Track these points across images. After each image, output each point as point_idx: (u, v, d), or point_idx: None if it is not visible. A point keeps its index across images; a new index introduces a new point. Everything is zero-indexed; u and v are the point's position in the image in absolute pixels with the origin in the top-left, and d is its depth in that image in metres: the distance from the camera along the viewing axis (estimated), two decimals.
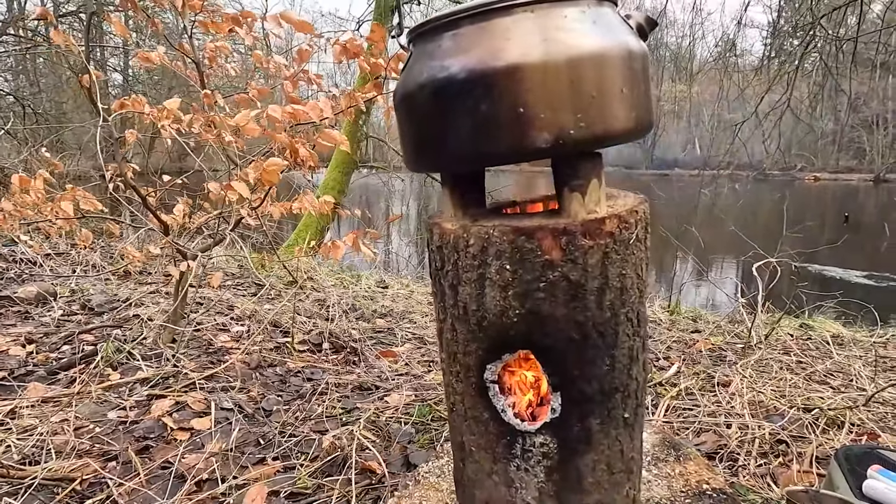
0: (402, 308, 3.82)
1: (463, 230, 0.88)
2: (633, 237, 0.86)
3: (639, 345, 0.93)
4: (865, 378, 2.15)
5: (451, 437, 1.10)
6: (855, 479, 1.12)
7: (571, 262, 0.83)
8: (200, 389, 2.03)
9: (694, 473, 1.23)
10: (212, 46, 2.36)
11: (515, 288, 0.85)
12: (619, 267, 0.86)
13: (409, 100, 0.88)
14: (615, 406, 0.92)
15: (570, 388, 0.89)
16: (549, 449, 0.91)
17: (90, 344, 2.45)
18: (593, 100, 0.78)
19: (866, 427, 1.62)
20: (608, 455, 0.95)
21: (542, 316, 0.86)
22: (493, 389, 0.93)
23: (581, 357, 0.88)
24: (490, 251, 0.85)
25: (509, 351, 0.90)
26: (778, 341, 2.75)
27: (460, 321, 0.93)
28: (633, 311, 0.90)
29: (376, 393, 2.13)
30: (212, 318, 2.98)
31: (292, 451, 1.62)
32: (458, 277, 0.90)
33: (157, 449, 1.60)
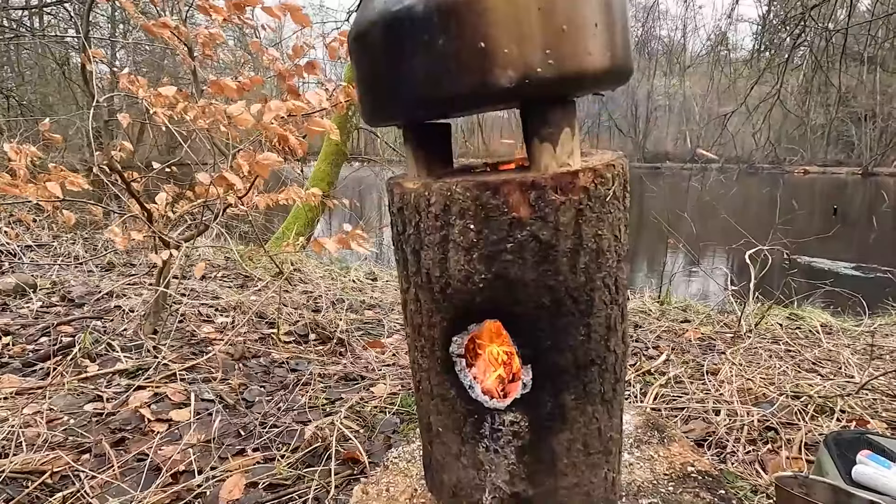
0: (391, 299, 3.78)
1: (424, 188, 0.80)
2: (609, 194, 0.78)
3: (617, 314, 0.86)
4: (854, 366, 2.14)
5: (419, 418, 1.04)
6: (844, 464, 1.10)
7: (541, 219, 0.75)
8: (181, 381, 1.98)
9: (678, 456, 1.19)
10: (205, 33, 2.30)
11: (481, 250, 0.77)
12: (595, 226, 0.78)
13: (361, 40, 0.79)
14: (591, 380, 0.86)
15: (543, 361, 0.82)
16: (519, 428, 0.85)
17: (68, 335, 2.39)
18: (563, 33, 0.69)
19: (855, 414, 1.61)
20: (584, 434, 0.88)
21: (509, 281, 0.78)
22: (459, 364, 0.86)
23: (553, 326, 0.80)
24: (453, 210, 0.77)
25: (476, 321, 0.83)
26: (767, 331, 2.74)
27: (424, 290, 0.86)
28: (610, 276, 0.82)
29: (362, 383, 2.09)
30: (196, 310, 2.92)
31: (273, 442, 1.58)
32: (420, 241, 0.83)
33: (133, 441, 1.55)
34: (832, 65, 7.12)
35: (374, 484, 1.14)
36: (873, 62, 18.88)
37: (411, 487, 1.12)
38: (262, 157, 1.73)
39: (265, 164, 1.72)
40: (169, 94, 1.75)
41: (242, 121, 1.60)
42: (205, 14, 1.98)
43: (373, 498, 1.08)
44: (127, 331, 2.42)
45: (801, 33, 7.02)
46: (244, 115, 1.56)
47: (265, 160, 1.72)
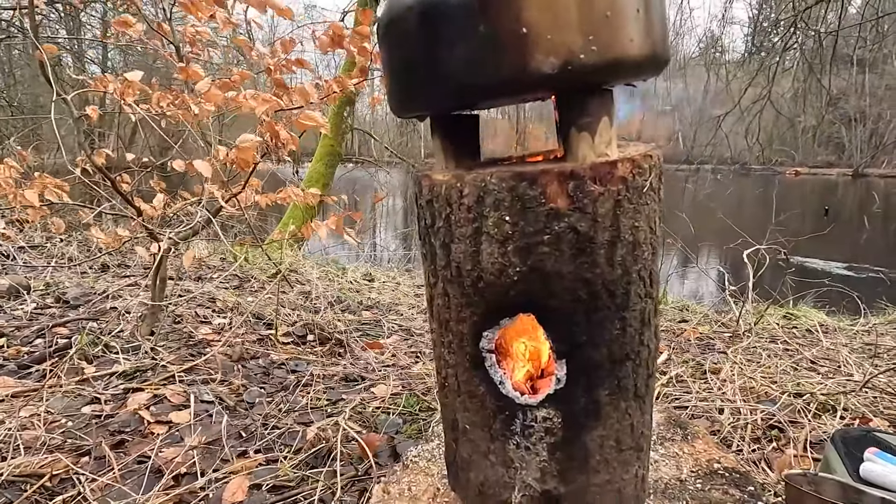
0: (388, 300, 3.77)
1: (456, 179, 0.78)
2: (647, 185, 0.77)
3: (651, 308, 0.85)
4: (853, 365, 2.15)
5: (443, 415, 1.02)
6: (852, 462, 1.10)
7: (579, 210, 0.73)
8: (180, 382, 1.96)
9: (703, 452, 1.17)
10: (192, 31, 2.28)
11: (516, 242, 0.75)
12: (632, 218, 0.76)
13: (395, 26, 0.77)
14: (626, 375, 0.83)
15: (577, 356, 0.80)
16: (552, 424, 0.82)
17: (64, 337, 2.36)
18: (607, 19, 0.68)
19: (857, 412, 1.61)
20: (617, 430, 0.86)
21: (545, 273, 0.76)
22: (489, 360, 0.84)
23: (589, 320, 0.78)
24: (487, 201, 0.75)
25: (508, 315, 0.80)
26: (765, 330, 2.75)
27: (453, 284, 0.84)
28: (645, 269, 0.80)
29: (362, 384, 2.08)
30: (192, 311, 2.89)
31: (275, 443, 1.57)
32: (450, 234, 0.81)
33: (133, 443, 1.53)
34: (823, 67, 7.18)
35: (395, 483, 1.12)
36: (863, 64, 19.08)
37: (433, 486, 1.10)
38: (240, 139, 1.69)
39: (246, 148, 1.69)
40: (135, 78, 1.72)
41: (211, 97, 1.57)
42: (187, 11, 1.96)
43: (395, 497, 1.06)
44: (123, 332, 2.40)
45: (791, 36, 7.08)
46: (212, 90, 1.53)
47: (244, 143, 1.68)
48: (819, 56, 7.09)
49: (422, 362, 2.41)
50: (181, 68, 1.95)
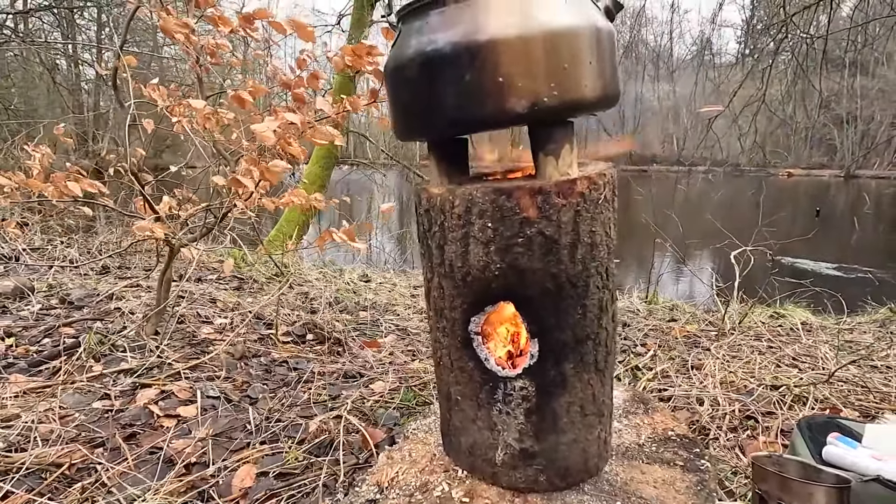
0: (385, 301, 3.85)
1: (449, 193, 0.95)
2: (601, 197, 0.94)
3: (607, 297, 1.01)
4: (830, 360, 2.25)
5: (439, 389, 1.18)
6: (815, 445, 1.19)
7: (546, 219, 0.90)
8: (185, 379, 2.04)
9: (660, 423, 1.34)
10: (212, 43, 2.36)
11: (497, 244, 0.92)
12: (589, 224, 0.93)
13: (400, 72, 0.94)
14: (587, 352, 1.01)
15: (547, 336, 0.97)
16: (528, 392, 0.99)
17: (71, 337, 2.43)
18: (565, 70, 0.85)
19: (829, 403, 1.71)
20: (581, 398, 1.03)
21: (520, 269, 0.93)
22: (476, 340, 1.01)
23: (556, 306, 0.95)
24: (474, 211, 0.92)
25: (491, 303, 0.97)
26: (750, 328, 2.85)
27: (446, 278, 1.00)
28: (602, 265, 0.98)
29: (361, 380, 2.16)
30: (195, 311, 2.97)
31: (279, 435, 1.65)
32: (444, 237, 0.97)
33: (145, 435, 1.61)
34: (814, 69, 7.32)
35: (398, 451, 1.30)
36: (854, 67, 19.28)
37: (430, 453, 1.28)
38: (273, 163, 1.80)
39: (276, 171, 1.80)
40: (198, 106, 1.81)
41: (265, 138, 1.68)
42: (213, 25, 2.04)
43: (397, 462, 1.25)
44: (129, 332, 2.47)
45: (783, 39, 7.22)
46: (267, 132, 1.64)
47: (275, 167, 1.79)
48: (809, 59, 7.23)
49: (418, 360, 2.49)
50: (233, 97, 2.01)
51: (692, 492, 1.08)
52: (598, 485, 1.11)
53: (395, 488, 1.15)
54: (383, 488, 1.15)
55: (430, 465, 1.22)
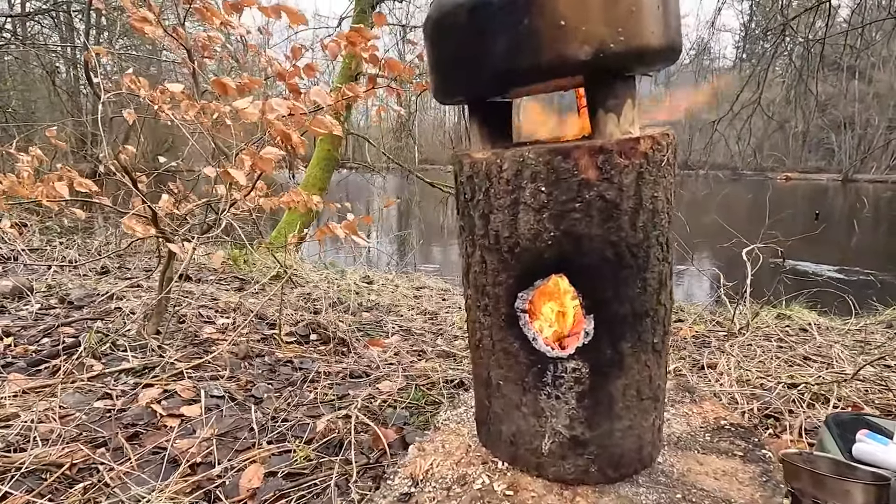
0: (388, 302, 3.81)
1: (496, 156, 0.88)
2: (664, 159, 0.86)
3: (667, 270, 0.94)
4: (845, 360, 2.21)
5: (475, 374, 1.11)
6: (844, 443, 1.15)
7: (607, 181, 0.83)
8: (188, 378, 1.99)
9: (710, 412, 1.27)
10: (204, 36, 2.32)
11: (551, 210, 0.85)
12: (652, 188, 0.86)
13: (444, 21, 0.88)
14: (645, 330, 0.93)
15: (604, 310, 0.89)
16: (581, 374, 0.92)
17: (70, 336, 2.38)
18: (632, 14, 0.78)
19: (850, 401, 1.67)
20: (638, 380, 0.96)
21: (577, 237, 0.86)
22: (523, 319, 0.94)
23: (615, 278, 0.88)
24: (525, 174, 0.85)
25: (542, 276, 0.89)
26: (759, 329, 2.82)
27: (490, 251, 0.93)
28: (662, 235, 0.90)
29: (367, 380, 2.12)
30: (196, 311, 2.92)
31: (286, 434, 1.60)
32: (489, 205, 0.91)
33: (148, 435, 1.57)
34: (812, 74, 7.34)
35: (429, 442, 1.22)
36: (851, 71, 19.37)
37: (465, 444, 1.21)
38: (265, 151, 1.75)
39: (268, 159, 1.75)
40: (176, 90, 1.77)
41: (248, 115, 1.63)
42: (201, 17, 2.00)
43: (429, 454, 1.17)
44: (130, 331, 2.42)
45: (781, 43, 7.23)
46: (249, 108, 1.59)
47: (267, 154, 1.75)
48: (808, 63, 7.25)
49: (425, 359, 2.45)
50: (215, 81, 1.98)
51: (757, 483, 1.01)
52: (652, 476, 1.03)
53: (431, 481, 1.08)
54: (418, 481, 1.08)
55: (465, 456, 1.15)
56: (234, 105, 1.60)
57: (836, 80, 21.15)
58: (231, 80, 1.79)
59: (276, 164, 2.05)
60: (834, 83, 16.87)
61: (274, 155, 1.75)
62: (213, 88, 1.84)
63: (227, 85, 1.79)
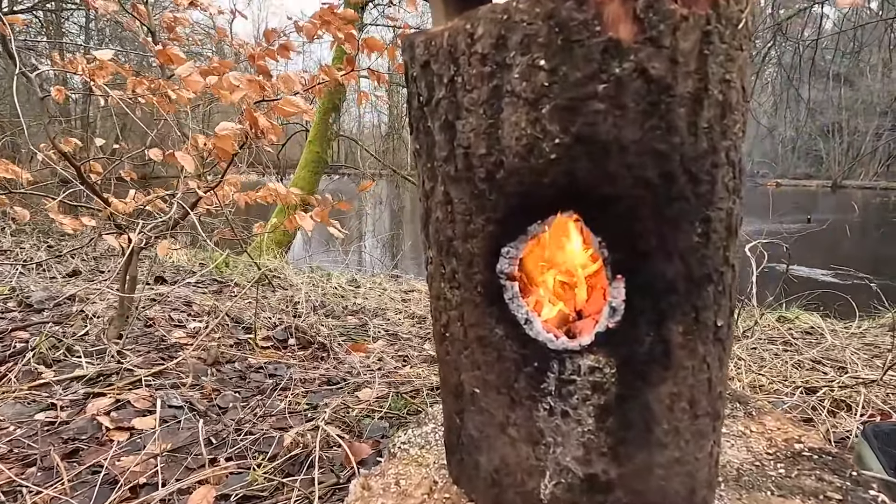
0: (374, 305, 3.64)
1: (465, 20, 0.55)
2: (742, 19, 0.53)
3: (738, 210, 0.61)
4: (859, 363, 2.07)
5: (442, 381, 0.76)
6: (888, 458, 1.00)
7: (652, 43, 0.49)
8: (147, 387, 1.81)
9: (777, 431, 0.92)
10: (170, 17, 2.16)
11: (555, 99, 0.52)
12: (723, 66, 0.52)
13: None
14: (706, 305, 0.58)
15: (642, 271, 0.55)
16: (603, 377, 0.57)
17: (23, 341, 2.18)
18: None
19: (875, 408, 1.52)
20: (692, 386, 0.60)
21: (599, 144, 0.52)
22: (510, 289, 0.60)
23: (661, 216, 0.54)
24: (512, 41, 0.52)
25: (540, 216, 0.55)
26: (762, 331, 2.68)
27: (459, 183, 0.59)
28: (735, 149, 0.56)
29: (346, 388, 1.94)
30: (167, 314, 2.73)
31: (249, 450, 1.42)
32: (456, 106, 0.57)
33: (88, 452, 1.38)
34: (801, 78, 7.31)
35: (380, 476, 0.86)
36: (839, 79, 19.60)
37: (429, 479, 0.84)
38: (220, 127, 1.56)
39: (225, 137, 1.57)
40: (105, 58, 1.59)
41: (192, 83, 1.45)
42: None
43: (377, 494, 0.80)
44: (89, 335, 2.23)
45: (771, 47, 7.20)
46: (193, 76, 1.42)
47: (223, 130, 1.56)
48: (797, 69, 7.23)
49: (410, 365, 2.28)
50: (158, 52, 1.82)
51: None
52: None
53: None
54: None
55: (428, 499, 0.78)
56: (177, 72, 1.43)
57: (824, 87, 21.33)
58: (180, 50, 1.62)
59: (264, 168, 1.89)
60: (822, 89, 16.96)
61: (230, 130, 1.57)
62: (159, 60, 1.67)
63: (173, 55, 1.62)
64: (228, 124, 1.60)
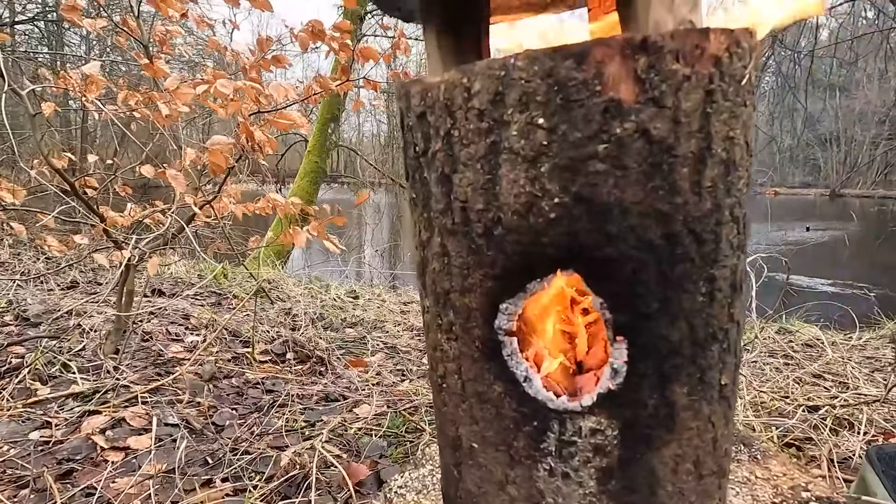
0: (373, 317, 3.62)
1: (462, 73, 0.54)
2: (746, 74, 0.52)
3: (742, 266, 0.60)
4: (860, 378, 2.05)
5: (440, 430, 0.74)
6: (892, 481, 0.98)
7: (654, 103, 0.49)
8: (143, 404, 1.79)
9: (783, 477, 0.91)
10: (162, 30, 2.17)
11: (554, 159, 0.51)
12: (727, 123, 0.51)
13: None
14: (711, 365, 0.58)
15: (645, 332, 0.55)
16: (605, 439, 0.57)
17: (19, 357, 2.17)
18: None
19: (878, 427, 1.51)
20: (697, 447, 0.60)
21: (600, 205, 0.51)
22: (508, 345, 0.59)
23: (665, 278, 0.53)
24: (510, 98, 0.51)
25: (540, 274, 0.55)
26: (762, 344, 2.67)
27: (456, 236, 0.59)
28: (740, 205, 0.56)
29: (344, 404, 1.93)
30: (164, 328, 2.72)
31: (245, 470, 1.41)
32: (452, 159, 0.56)
33: (82, 472, 1.36)
34: (798, 87, 7.37)
35: None
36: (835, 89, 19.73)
37: None
38: (212, 141, 1.56)
39: (217, 151, 1.56)
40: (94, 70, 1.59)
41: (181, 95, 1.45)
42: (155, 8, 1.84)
43: None
44: (85, 350, 2.22)
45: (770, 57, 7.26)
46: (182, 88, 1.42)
47: (215, 145, 1.56)
48: (794, 78, 7.29)
49: (408, 380, 2.26)
50: (146, 65, 1.82)
51: None
52: None
53: None
54: None
55: None
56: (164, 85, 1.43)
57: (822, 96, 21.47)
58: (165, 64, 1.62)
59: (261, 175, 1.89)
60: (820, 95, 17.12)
61: (223, 145, 1.57)
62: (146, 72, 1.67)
63: (159, 69, 1.62)
64: (220, 138, 1.60)
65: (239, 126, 1.78)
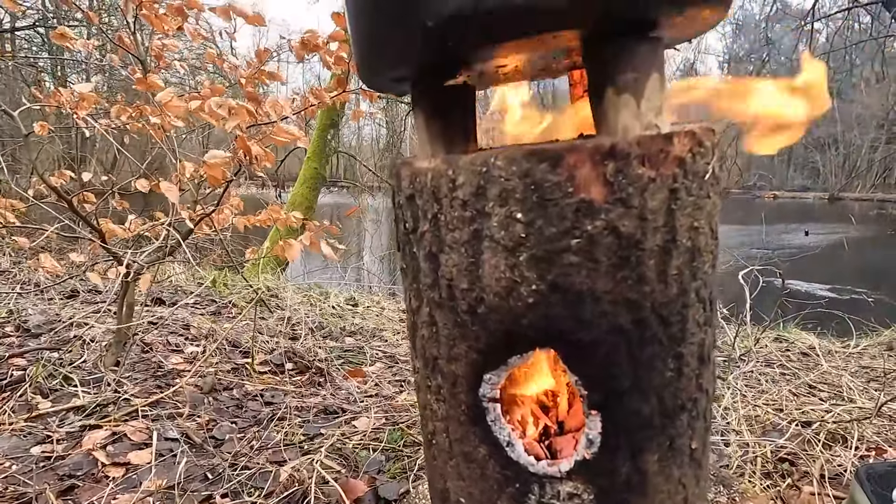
0: (372, 325, 3.64)
1: (447, 165, 0.58)
2: (709, 171, 0.57)
3: (710, 339, 0.64)
4: (854, 389, 2.07)
5: (430, 482, 0.78)
6: (880, 501, 1.00)
7: (622, 203, 0.53)
8: (143, 417, 1.80)
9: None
10: (158, 45, 2.19)
11: (532, 250, 0.55)
12: (691, 216, 0.56)
13: None
14: (680, 433, 0.62)
15: (618, 408, 0.59)
16: (582, 503, 0.62)
17: (20, 368, 2.18)
18: None
19: (870, 441, 1.53)
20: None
21: (574, 293, 0.56)
22: (492, 412, 0.63)
23: (634, 358, 0.58)
24: (490, 193, 0.55)
25: (520, 351, 0.59)
26: (758, 353, 2.68)
27: (443, 309, 0.63)
28: (705, 286, 0.60)
29: (343, 417, 1.94)
30: (164, 339, 2.74)
31: (244, 486, 1.42)
32: (439, 241, 0.61)
33: (84, 489, 1.38)
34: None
35: None
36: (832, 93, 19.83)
37: None
38: (209, 155, 1.59)
39: (214, 165, 1.59)
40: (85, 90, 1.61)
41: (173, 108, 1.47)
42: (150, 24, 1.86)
43: None
44: (86, 363, 2.23)
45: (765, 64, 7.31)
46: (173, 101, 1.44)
47: (213, 159, 1.58)
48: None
49: (406, 391, 2.28)
50: (138, 80, 1.84)
51: None
52: None
53: None
54: None
55: None
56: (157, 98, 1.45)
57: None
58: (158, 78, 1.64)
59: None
60: None
61: (220, 159, 1.59)
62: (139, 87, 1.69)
63: (153, 83, 1.64)
64: (217, 152, 1.62)
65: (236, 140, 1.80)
